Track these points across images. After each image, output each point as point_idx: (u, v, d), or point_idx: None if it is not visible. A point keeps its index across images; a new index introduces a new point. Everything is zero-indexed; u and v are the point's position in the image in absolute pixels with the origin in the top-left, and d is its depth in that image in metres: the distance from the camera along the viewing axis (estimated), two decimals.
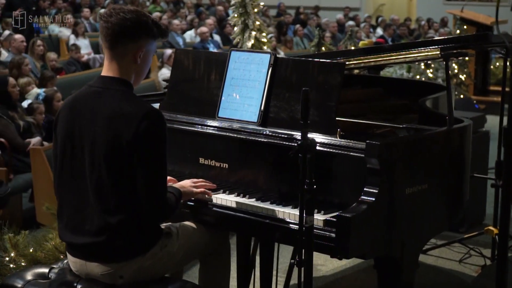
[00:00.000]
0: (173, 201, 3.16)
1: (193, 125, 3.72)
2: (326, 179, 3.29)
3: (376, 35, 17.82)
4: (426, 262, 5.33)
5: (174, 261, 3.27)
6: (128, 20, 3.04)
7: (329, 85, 3.44)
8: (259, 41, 6.02)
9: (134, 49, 3.07)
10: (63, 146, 3.12)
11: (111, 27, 3.04)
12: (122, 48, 3.07)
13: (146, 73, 3.23)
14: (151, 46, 3.14)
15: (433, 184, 3.44)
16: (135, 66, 3.11)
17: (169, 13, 17.38)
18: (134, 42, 3.07)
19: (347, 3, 21.46)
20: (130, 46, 3.07)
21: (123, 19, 3.03)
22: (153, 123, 2.98)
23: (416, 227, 3.38)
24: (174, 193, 3.21)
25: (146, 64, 3.18)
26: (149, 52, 3.15)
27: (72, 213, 3.11)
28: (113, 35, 3.05)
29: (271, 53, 3.64)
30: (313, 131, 3.36)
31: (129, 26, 3.04)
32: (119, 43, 3.06)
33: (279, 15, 20.20)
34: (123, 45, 3.06)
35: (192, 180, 3.47)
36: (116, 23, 3.03)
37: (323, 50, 8.51)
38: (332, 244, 3.03)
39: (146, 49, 3.11)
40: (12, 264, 3.92)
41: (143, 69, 3.17)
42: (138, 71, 3.15)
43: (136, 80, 3.17)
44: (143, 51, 3.10)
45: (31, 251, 4.04)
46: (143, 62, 3.14)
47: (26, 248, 4.07)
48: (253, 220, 3.29)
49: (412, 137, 3.56)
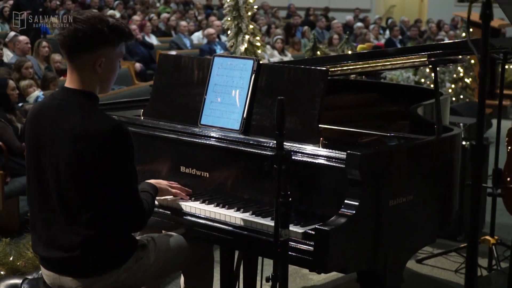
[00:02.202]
0: (150, 201, 3.14)
1: (174, 133, 3.63)
2: (307, 190, 3.20)
3: (386, 37, 17.68)
4: (421, 271, 5.22)
5: (151, 274, 3.18)
6: (80, 31, 2.87)
7: (312, 92, 3.35)
8: (252, 45, 5.93)
9: (92, 59, 2.92)
10: (29, 158, 3.03)
11: (63, 40, 2.90)
12: (79, 60, 2.93)
13: (113, 79, 3.07)
14: (111, 53, 2.97)
15: (419, 195, 3.32)
16: (96, 76, 2.96)
17: (178, 14, 17.32)
18: (90, 52, 2.91)
19: (358, 4, 21.35)
20: (87, 57, 2.92)
21: (75, 30, 2.87)
22: (117, 140, 2.87)
23: (401, 240, 3.27)
24: (149, 191, 3.19)
25: (110, 71, 3.01)
26: (111, 60, 2.99)
27: (43, 226, 3.02)
28: (67, 47, 2.91)
29: (254, 59, 3.55)
30: (295, 140, 3.27)
31: (81, 37, 2.87)
32: (75, 55, 2.92)
33: (289, 17, 20.12)
34: (79, 57, 2.92)
35: (167, 182, 3.45)
36: (68, 35, 2.88)
37: (318, 54, 8.40)
38: (310, 258, 2.93)
39: (107, 58, 2.95)
40: None
41: (107, 77, 3.01)
42: (102, 80, 3.00)
43: (102, 89, 3.04)
44: (102, 61, 2.94)
45: (11, 259, 3.96)
46: (106, 70, 2.98)
47: (6, 257, 3.99)
48: (232, 231, 3.20)
49: (395, 147, 3.46)
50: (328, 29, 17.88)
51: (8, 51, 10.86)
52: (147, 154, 3.70)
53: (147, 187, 3.26)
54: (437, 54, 3.55)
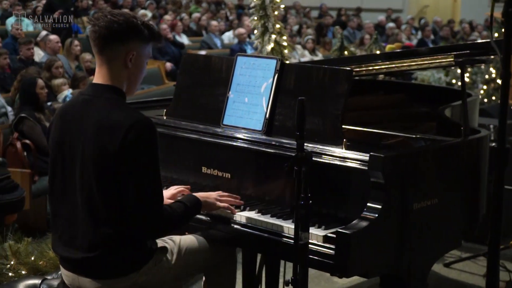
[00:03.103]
0: (178, 212, 3.01)
1: (196, 133, 3.59)
2: (329, 192, 3.14)
3: (418, 37, 17.51)
4: (449, 276, 5.14)
5: (171, 276, 3.13)
6: (116, 22, 2.90)
7: (335, 92, 3.28)
8: (279, 45, 5.86)
9: (124, 52, 2.93)
10: (54, 156, 3.01)
11: (98, 31, 2.91)
12: (111, 52, 2.93)
13: (140, 80, 3.07)
14: (143, 50, 2.99)
15: (444, 198, 3.25)
16: (126, 71, 2.96)
17: (209, 13, 17.32)
18: (123, 44, 2.92)
19: (390, 4, 21.18)
20: (120, 49, 2.92)
21: (111, 21, 2.90)
22: (140, 132, 2.82)
23: (425, 244, 3.19)
24: (185, 203, 3.07)
25: (139, 70, 3.01)
26: (141, 57, 2.99)
27: (65, 225, 3.00)
28: (101, 38, 2.92)
29: (277, 59, 3.49)
30: (318, 141, 3.22)
31: (116, 28, 2.90)
32: (108, 46, 2.92)
33: (321, 17, 20.03)
34: (111, 48, 2.92)
35: (218, 193, 3.32)
36: (103, 26, 2.90)
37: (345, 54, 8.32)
38: (331, 261, 2.87)
39: (138, 53, 2.96)
40: (11, 272, 3.83)
41: (136, 75, 3.01)
42: (130, 77, 3.00)
43: (129, 88, 3.02)
44: (133, 55, 2.95)
45: (32, 259, 3.95)
46: (135, 67, 2.98)
47: (27, 256, 3.98)
48: (252, 234, 3.15)
49: (419, 149, 3.38)
50: (360, 29, 17.77)
51: (40, 50, 10.92)
52: (169, 154, 3.66)
53: (185, 198, 3.15)
54: (464, 54, 3.46)
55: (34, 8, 14.83)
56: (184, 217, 3.06)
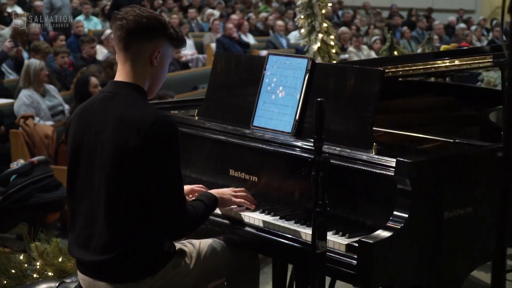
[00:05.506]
0: (200, 210, 2.95)
1: (224, 134, 3.48)
2: (357, 199, 2.98)
3: (489, 38, 17.05)
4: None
5: (189, 281, 3.04)
6: (144, 17, 2.87)
7: (366, 94, 3.13)
8: (326, 44, 5.70)
9: (150, 49, 2.88)
10: (73, 156, 2.96)
11: (125, 25, 2.86)
12: (136, 47, 2.87)
13: (162, 81, 3.01)
14: (168, 49, 2.95)
15: (479, 207, 3.05)
16: (150, 69, 2.91)
17: (276, 13, 17.25)
18: (151, 40, 2.88)
19: (462, 5, 20.70)
20: (145, 45, 2.88)
21: (139, 16, 2.86)
22: (162, 131, 2.76)
23: (457, 256, 3.00)
24: (204, 201, 3.01)
25: (162, 69, 2.97)
26: (166, 57, 2.95)
27: (82, 227, 2.93)
28: (128, 32, 2.86)
29: (309, 58, 3.35)
30: (347, 144, 3.07)
31: (146, 23, 2.86)
32: (134, 41, 2.87)
33: (391, 17, 19.73)
34: (138, 44, 2.87)
35: (232, 189, 3.25)
36: (131, 20, 2.85)
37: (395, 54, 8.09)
38: (353, 271, 2.72)
39: (163, 52, 2.92)
40: (35, 274, 3.78)
41: (159, 74, 2.96)
42: (153, 76, 2.94)
43: (151, 88, 2.96)
44: (159, 53, 2.90)
45: (60, 260, 3.90)
46: (160, 65, 2.94)
47: (55, 258, 3.93)
48: (272, 240, 3.02)
49: (451, 154, 3.19)
50: (429, 30, 17.39)
51: (103, 49, 11.03)
52: (196, 155, 3.56)
53: (203, 196, 3.09)
54: (503, 55, 3.26)
55: (103, 7, 15.03)
56: (205, 215, 3.01)
